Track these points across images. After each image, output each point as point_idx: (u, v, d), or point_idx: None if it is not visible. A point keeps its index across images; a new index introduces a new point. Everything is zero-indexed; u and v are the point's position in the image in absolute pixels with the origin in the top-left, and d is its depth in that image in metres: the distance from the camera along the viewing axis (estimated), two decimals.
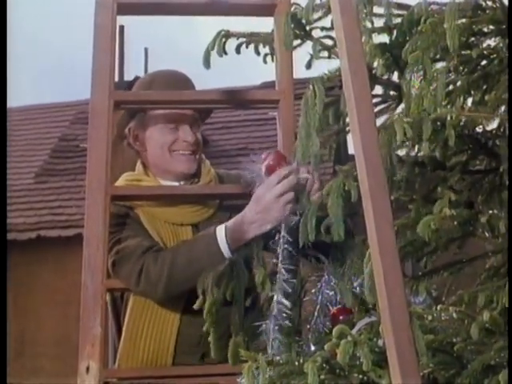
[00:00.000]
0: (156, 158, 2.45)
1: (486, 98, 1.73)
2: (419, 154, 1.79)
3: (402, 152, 1.77)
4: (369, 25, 1.79)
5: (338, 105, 1.79)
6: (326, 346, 1.56)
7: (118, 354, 2.36)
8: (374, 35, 1.79)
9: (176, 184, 2.45)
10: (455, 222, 1.65)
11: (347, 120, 1.81)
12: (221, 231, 2.13)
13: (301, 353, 1.86)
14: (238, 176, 2.49)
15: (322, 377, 1.52)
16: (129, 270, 2.23)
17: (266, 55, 2.17)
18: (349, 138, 1.79)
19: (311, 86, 1.75)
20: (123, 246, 2.27)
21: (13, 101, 10.76)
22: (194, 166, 2.45)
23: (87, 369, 1.99)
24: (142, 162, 2.49)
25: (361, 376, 1.53)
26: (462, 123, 1.63)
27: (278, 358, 1.66)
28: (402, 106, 1.75)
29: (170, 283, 2.18)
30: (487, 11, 1.72)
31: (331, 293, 1.90)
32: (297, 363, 1.60)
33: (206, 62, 2.09)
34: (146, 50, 11.73)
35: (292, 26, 1.87)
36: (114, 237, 2.24)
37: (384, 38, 1.81)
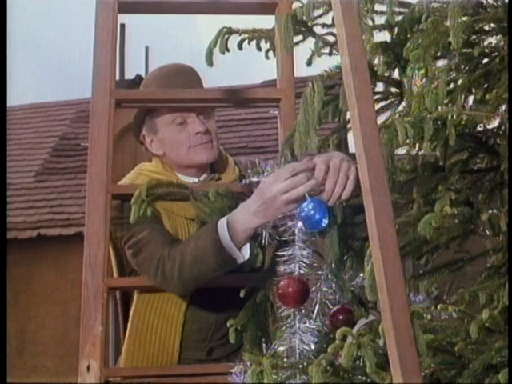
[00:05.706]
0: (176, 158, 2.43)
1: (487, 96, 1.73)
2: (420, 153, 1.79)
3: (402, 151, 1.77)
4: (370, 22, 1.79)
5: (338, 102, 1.78)
6: (329, 348, 1.55)
7: (123, 351, 2.35)
8: (375, 33, 1.79)
9: (195, 180, 2.41)
10: (456, 220, 1.64)
11: (347, 117, 1.81)
12: (223, 224, 2.03)
13: (300, 352, 1.86)
14: None
15: (327, 380, 1.52)
16: (147, 262, 2.20)
17: (267, 51, 2.16)
18: (349, 135, 1.79)
19: (311, 84, 1.75)
20: (140, 237, 2.25)
21: (13, 99, 10.77)
22: (212, 154, 2.42)
23: (88, 368, 1.99)
24: (159, 159, 2.47)
25: (364, 378, 1.53)
26: (462, 122, 1.63)
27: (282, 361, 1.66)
28: (404, 104, 1.75)
29: (183, 281, 2.15)
30: (488, 9, 1.72)
31: (330, 291, 1.89)
32: (301, 366, 1.60)
33: (209, 60, 2.08)
34: (146, 48, 11.72)
35: (292, 25, 1.86)
36: (131, 229, 2.24)
37: (385, 36, 1.81)
